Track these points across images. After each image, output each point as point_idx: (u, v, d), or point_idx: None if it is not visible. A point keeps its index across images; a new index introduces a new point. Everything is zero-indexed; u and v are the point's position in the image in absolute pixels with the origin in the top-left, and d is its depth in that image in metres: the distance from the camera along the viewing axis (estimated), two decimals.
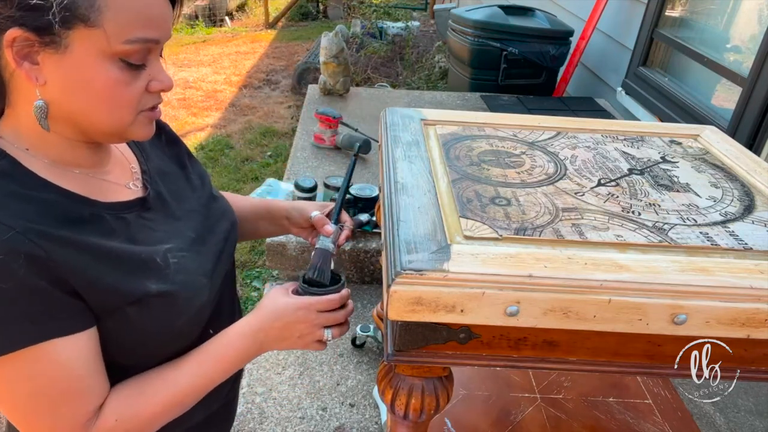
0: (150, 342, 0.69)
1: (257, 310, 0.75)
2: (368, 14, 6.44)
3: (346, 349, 1.59)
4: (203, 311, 0.74)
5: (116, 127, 0.63)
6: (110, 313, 0.63)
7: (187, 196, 0.80)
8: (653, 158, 1.00)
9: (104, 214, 0.65)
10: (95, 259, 0.61)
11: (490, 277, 0.63)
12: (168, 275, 0.68)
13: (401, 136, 1.00)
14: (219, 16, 7.57)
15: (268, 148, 3.84)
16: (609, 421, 1.23)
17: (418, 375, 0.76)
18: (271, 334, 0.74)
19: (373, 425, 1.37)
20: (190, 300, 0.70)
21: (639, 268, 0.66)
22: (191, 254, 0.73)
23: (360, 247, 1.80)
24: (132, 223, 0.68)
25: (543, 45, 3.15)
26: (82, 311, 0.61)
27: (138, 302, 0.64)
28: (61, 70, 0.58)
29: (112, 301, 0.63)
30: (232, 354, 0.72)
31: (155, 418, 0.67)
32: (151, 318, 0.66)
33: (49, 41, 0.56)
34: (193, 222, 0.78)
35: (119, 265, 0.63)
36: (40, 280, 0.56)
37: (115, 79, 0.60)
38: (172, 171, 0.81)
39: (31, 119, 0.61)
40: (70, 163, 0.65)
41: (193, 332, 0.74)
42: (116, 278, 0.62)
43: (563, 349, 0.71)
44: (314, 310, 0.75)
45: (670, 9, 2.66)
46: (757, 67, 1.96)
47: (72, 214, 0.62)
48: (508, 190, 0.84)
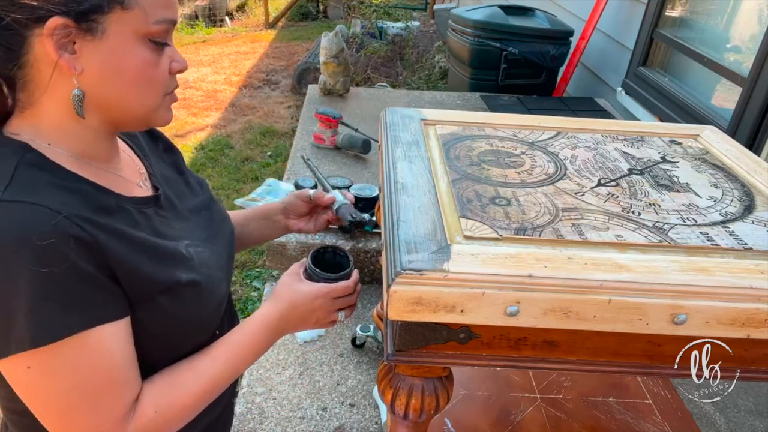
0: (174, 335, 0.70)
1: (275, 299, 0.77)
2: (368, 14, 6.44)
3: (346, 349, 1.59)
4: (221, 305, 0.76)
5: (147, 110, 0.65)
6: (144, 301, 0.64)
7: (189, 198, 0.81)
8: (653, 158, 1.00)
9: (129, 207, 0.67)
10: (132, 247, 0.62)
11: (490, 277, 0.63)
12: (194, 266, 0.70)
13: (401, 136, 1.00)
14: (219, 16, 7.56)
15: (268, 148, 3.84)
16: (609, 421, 1.23)
17: (418, 375, 0.76)
18: (291, 322, 0.77)
19: (373, 425, 1.37)
20: (213, 292, 0.73)
21: (639, 268, 0.66)
22: (207, 250, 0.75)
23: (360, 247, 1.80)
24: (152, 217, 0.70)
25: (543, 45, 3.14)
26: (123, 299, 0.62)
27: (169, 291, 0.66)
28: (97, 56, 0.59)
29: (147, 289, 0.64)
30: (256, 342, 0.74)
31: (188, 409, 0.68)
32: (181, 307, 0.68)
33: (87, 28, 0.58)
34: (200, 222, 0.80)
35: (152, 254, 0.65)
36: (88, 264, 0.57)
37: (147, 60, 0.62)
38: (172, 176, 0.82)
39: (55, 113, 0.62)
40: (90, 157, 0.66)
41: (212, 326, 0.75)
42: (151, 267, 0.64)
43: (563, 349, 0.71)
44: (331, 298, 0.78)
45: (670, 9, 2.66)
46: (757, 67, 1.96)
47: (101, 204, 0.63)
48: (508, 190, 0.84)
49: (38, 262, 0.54)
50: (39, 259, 0.54)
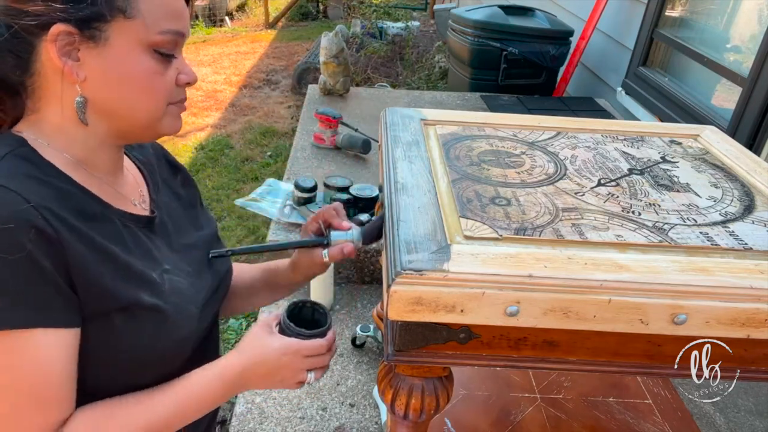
0: (124, 361, 0.65)
1: (240, 350, 0.71)
2: (368, 14, 6.44)
3: (346, 349, 1.59)
4: (186, 343, 0.71)
5: (151, 118, 0.65)
6: (97, 316, 0.61)
7: (189, 232, 0.80)
8: (653, 158, 1.00)
9: (114, 218, 0.66)
10: (98, 256, 0.60)
11: (490, 277, 0.63)
12: (161, 293, 0.66)
13: (401, 136, 1.00)
14: (219, 16, 7.56)
15: (268, 148, 3.84)
16: (609, 421, 1.23)
17: (418, 375, 0.76)
18: (253, 378, 0.71)
19: (373, 425, 1.37)
20: (178, 324, 0.68)
21: (639, 268, 0.66)
22: (186, 282, 0.72)
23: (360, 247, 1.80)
24: (137, 235, 0.68)
25: (543, 45, 3.14)
26: (75, 308, 0.59)
27: (127, 310, 0.62)
28: (101, 64, 0.60)
29: (104, 303, 0.61)
30: (211, 394, 0.69)
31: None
32: (136, 331, 0.64)
33: (89, 35, 0.59)
34: (191, 257, 0.77)
35: (119, 269, 0.62)
36: (45, 260, 0.55)
37: (151, 69, 0.62)
38: (179, 208, 0.81)
39: (59, 118, 0.62)
40: (89, 165, 0.66)
41: (172, 364, 0.70)
42: (113, 281, 0.61)
43: (563, 349, 0.71)
44: (301, 355, 0.71)
45: (670, 9, 2.66)
46: (757, 67, 1.96)
47: (84, 208, 0.62)
48: (508, 190, 0.84)
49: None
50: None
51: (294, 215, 1.85)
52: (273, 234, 1.80)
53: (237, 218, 3.13)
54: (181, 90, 0.68)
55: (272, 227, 1.84)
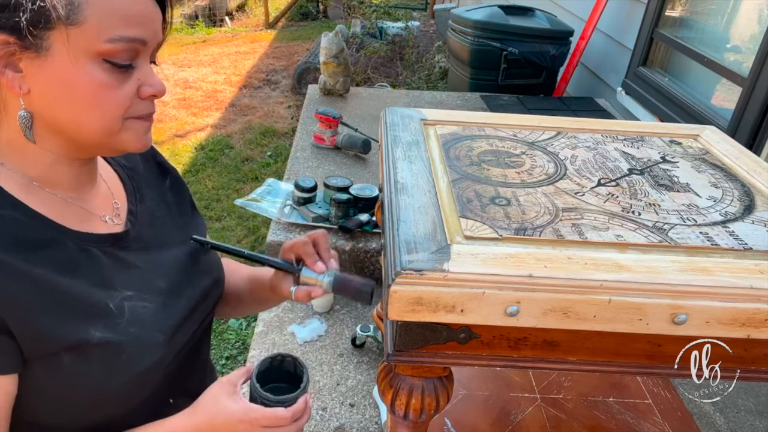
0: (81, 400, 0.61)
1: (194, 411, 0.65)
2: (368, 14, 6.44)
3: (346, 349, 1.59)
4: (151, 375, 0.65)
5: (103, 134, 0.59)
6: (42, 358, 0.56)
7: (173, 243, 0.74)
8: (653, 158, 1.00)
9: (68, 242, 0.61)
10: (38, 291, 0.55)
11: (490, 277, 0.63)
12: (118, 324, 0.61)
13: (401, 136, 1.00)
14: (219, 16, 7.56)
15: (268, 148, 3.84)
16: (609, 421, 1.23)
17: (418, 375, 0.76)
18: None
19: (373, 425, 1.37)
20: (138, 357, 0.63)
21: (639, 268, 0.66)
22: (154, 306, 0.66)
23: (360, 247, 1.80)
24: (96, 258, 0.63)
25: (543, 45, 3.14)
26: (10, 353, 0.54)
27: (76, 349, 0.58)
28: (44, 75, 0.55)
29: (47, 343, 0.56)
30: None
31: None
32: (86, 370, 0.59)
33: (29, 44, 0.53)
34: (170, 272, 0.71)
35: (64, 303, 0.57)
36: None
37: (99, 81, 0.56)
38: (164, 216, 0.76)
39: (12, 132, 0.58)
40: (48, 183, 0.62)
41: (134, 398, 0.65)
42: (57, 318, 0.56)
43: (563, 349, 0.71)
44: (258, 426, 0.64)
45: (670, 9, 2.66)
46: (757, 67, 1.96)
47: (28, 237, 0.57)
48: (508, 190, 0.84)
49: None
50: None
51: (294, 215, 1.85)
52: (273, 234, 1.80)
53: (237, 218, 3.13)
54: (146, 103, 0.61)
55: (272, 227, 1.84)
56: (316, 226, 1.83)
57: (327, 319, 1.69)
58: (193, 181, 3.41)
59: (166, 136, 3.89)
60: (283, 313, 1.69)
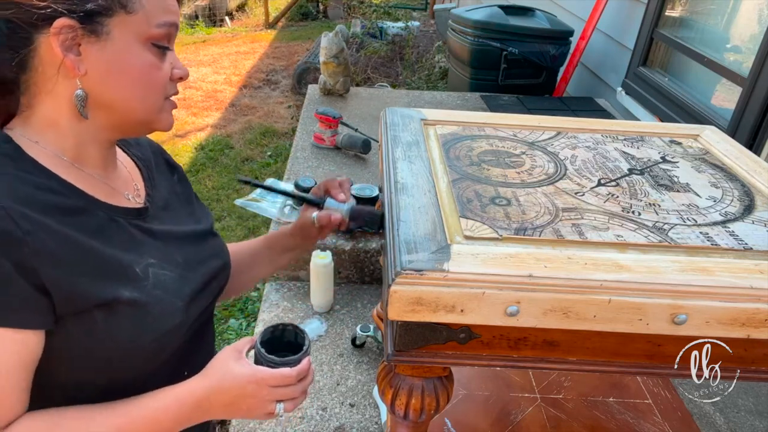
0: (106, 357, 0.64)
1: (204, 374, 0.69)
2: (368, 14, 6.45)
3: (346, 349, 1.59)
4: (172, 337, 0.69)
5: (148, 112, 0.66)
6: (76, 314, 0.60)
7: (185, 224, 0.79)
8: (653, 158, 1.00)
9: (98, 212, 0.66)
10: (74, 253, 0.60)
11: (490, 277, 0.63)
12: (144, 287, 0.66)
13: (401, 136, 1.00)
14: (219, 16, 7.57)
15: (268, 148, 3.84)
16: (609, 421, 1.23)
17: (418, 375, 0.76)
18: (215, 405, 0.68)
19: (373, 425, 1.37)
20: (162, 318, 0.67)
21: (639, 268, 0.66)
22: (173, 275, 0.71)
23: (360, 247, 1.80)
24: (123, 227, 0.68)
25: (543, 45, 3.14)
26: (42, 310, 0.58)
27: (107, 306, 0.62)
28: (102, 58, 0.61)
29: (82, 300, 0.60)
30: (165, 419, 0.66)
31: None
32: (117, 327, 0.63)
33: (91, 30, 0.60)
34: (184, 249, 0.76)
35: (97, 265, 0.62)
36: (6, 261, 0.54)
37: (149, 62, 0.64)
38: (175, 203, 0.81)
39: (53, 114, 0.63)
40: (78, 161, 0.67)
41: (156, 359, 0.69)
42: (90, 277, 0.61)
43: (563, 349, 0.71)
44: (266, 386, 0.68)
45: (670, 9, 2.66)
46: (757, 67, 1.96)
47: (63, 204, 0.61)
48: (508, 190, 0.84)
49: None
50: None
51: (294, 215, 1.85)
52: None
53: (237, 218, 3.13)
54: (174, 85, 0.69)
55: (272, 227, 1.84)
56: None
57: (327, 319, 1.69)
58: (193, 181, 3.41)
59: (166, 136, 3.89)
60: (283, 313, 1.69)
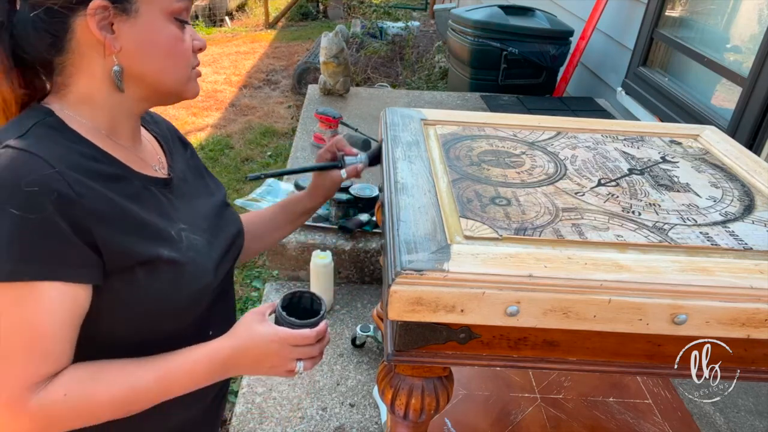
0: (148, 312, 0.69)
1: (231, 334, 0.74)
2: (368, 14, 6.44)
3: (346, 349, 1.59)
4: (202, 296, 0.75)
5: (178, 82, 0.72)
6: (121, 271, 0.65)
7: (202, 196, 0.85)
8: (653, 158, 1.00)
9: (134, 180, 0.71)
10: (119, 215, 0.65)
11: (490, 277, 0.63)
12: (180, 248, 0.72)
13: (401, 136, 1.00)
14: (219, 16, 7.56)
15: (268, 148, 3.84)
16: (609, 421, 1.23)
17: (418, 375, 0.76)
18: (242, 362, 0.73)
19: (373, 425, 1.37)
20: (196, 277, 0.73)
21: (639, 268, 0.66)
22: (201, 240, 0.77)
23: (360, 247, 1.80)
24: (155, 195, 0.73)
25: (543, 45, 3.14)
26: (92, 265, 0.63)
27: (149, 263, 0.67)
28: (133, 34, 0.66)
29: (126, 258, 0.65)
30: (198, 372, 0.70)
31: (101, 408, 0.65)
32: (158, 282, 0.68)
33: (122, 8, 0.65)
34: (205, 218, 0.82)
35: (138, 226, 0.67)
36: (63, 221, 0.59)
37: (175, 35, 0.69)
38: (191, 177, 0.86)
39: (86, 87, 0.68)
40: (112, 133, 0.72)
41: (189, 315, 0.75)
42: (133, 236, 0.66)
43: (563, 349, 0.71)
44: (288, 345, 0.73)
45: (670, 9, 2.66)
46: (757, 67, 1.96)
47: (105, 171, 0.67)
48: (508, 190, 0.84)
49: (18, 206, 0.57)
50: (19, 202, 0.57)
51: None
52: None
53: None
54: (195, 56, 0.74)
55: None
56: (316, 226, 1.83)
57: (327, 319, 1.69)
58: None
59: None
60: None
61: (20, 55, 0.66)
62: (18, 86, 0.67)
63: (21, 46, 0.65)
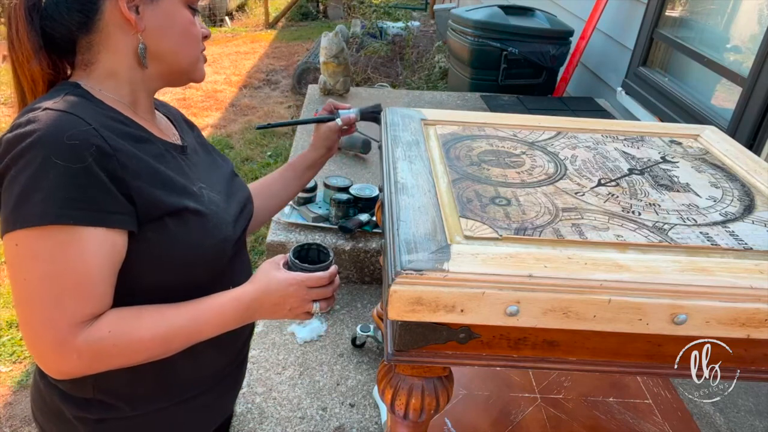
0: (177, 259, 0.75)
1: (252, 281, 0.81)
2: (368, 14, 6.44)
3: (346, 349, 1.59)
4: (226, 246, 0.82)
5: (190, 62, 0.80)
6: (153, 220, 0.71)
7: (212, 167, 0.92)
8: (653, 158, 1.00)
9: (156, 143, 0.78)
10: (148, 171, 0.72)
11: (490, 277, 0.63)
12: (203, 201, 0.79)
13: (401, 136, 1.00)
14: (219, 16, 7.56)
15: (268, 148, 3.84)
16: (609, 421, 1.23)
17: (418, 375, 0.76)
18: (264, 305, 0.80)
19: (373, 425, 1.37)
20: (218, 227, 0.80)
21: (639, 268, 0.66)
22: (219, 197, 0.84)
23: (360, 247, 1.80)
24: (175, 158, 0.80)
25: (543, 45, 3.14)
26: (129, 213, 0.69)
27: (177, 214, 0.74)
28: (156, 17, 0.75)
29: (156, 209, 0.71)
30: (226, 314, 0.77)
31: (142, 345, 0.71)
32: (185, 232, 0.75)
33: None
34: (219, 182, 0.89)
35: (165, 182, 0.74)
36: (102, 171, 0.65)
37: (189, 20, 0.78)
38: (201, 151, 0.93)
39: (111, 64, 0.75)
40: (133, 105, 0.79)
41: (217, 262, 0.81)
42: (163, 191, 0.73)
43: (563, 349, 0.71)
44: (305, 286, 0.80)
45: (670, 9, 2.66)
46: (757, 67, 1.96)
47: (132, 133, 0.74)
48: (508, 190, 0.84)
49: (61, 157, 0.63)
50: (62, 154, 0.63)
51: (294, 215, 1.85)
52: (273, 234, 1.80)
53: None
54: (202, 42, 0.82)
55: (272, 227, 1.84)
56: (317, 226, 1.83)
57: (327, 319, 1.69)
58: None
59: None
60: None
61: (49, 34, 0.72)
62: (47, 66, 0.74)
63: (50, 25, 0.71)
